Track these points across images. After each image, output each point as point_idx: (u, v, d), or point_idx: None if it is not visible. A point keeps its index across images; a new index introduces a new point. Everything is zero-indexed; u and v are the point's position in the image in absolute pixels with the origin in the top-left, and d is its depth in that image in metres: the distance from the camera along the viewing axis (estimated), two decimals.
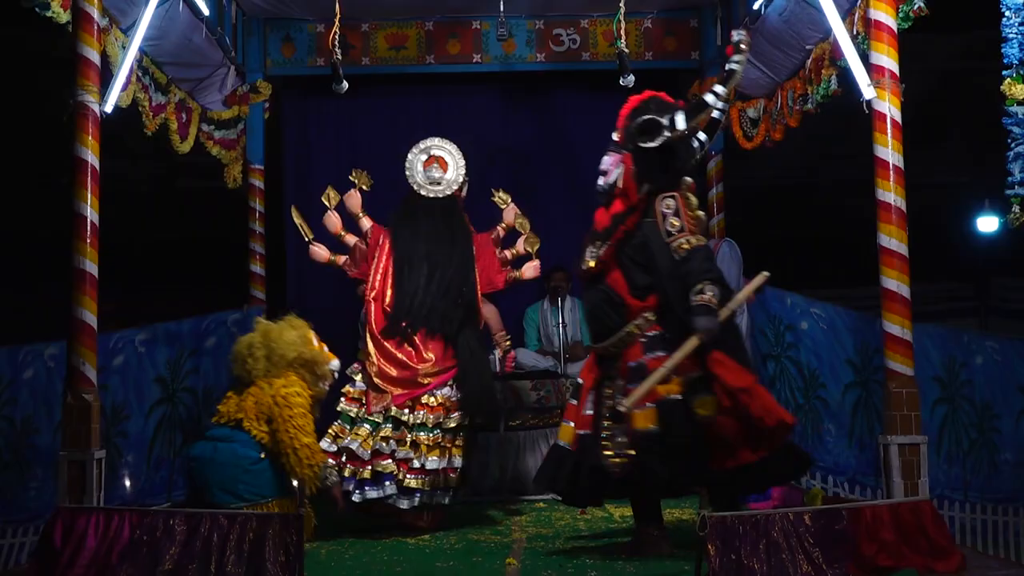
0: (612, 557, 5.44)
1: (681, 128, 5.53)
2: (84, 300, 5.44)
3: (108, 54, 6.05)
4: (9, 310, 11.54)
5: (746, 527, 4.73)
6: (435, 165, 6.72)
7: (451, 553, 5.74)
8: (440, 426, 6.25)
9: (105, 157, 5.61)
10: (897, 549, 4.90)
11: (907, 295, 5.34)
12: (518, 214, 6.94)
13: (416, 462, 6.17)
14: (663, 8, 8.78)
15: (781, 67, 7.55)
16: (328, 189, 6.79)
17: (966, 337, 6.68)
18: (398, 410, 6.24)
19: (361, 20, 8.73)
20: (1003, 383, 6.31)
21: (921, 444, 5.29)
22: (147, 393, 7.03)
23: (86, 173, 5.51)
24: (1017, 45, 5.23)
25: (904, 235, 5.35)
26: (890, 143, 5.38)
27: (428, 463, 6.18)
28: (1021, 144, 5.24)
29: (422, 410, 6.25)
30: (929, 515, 5.05)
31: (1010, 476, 6.25)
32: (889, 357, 5.34)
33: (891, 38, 5.44)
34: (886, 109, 5.40)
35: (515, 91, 9.34)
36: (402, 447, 6.19)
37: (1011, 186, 5.25)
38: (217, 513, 5.02)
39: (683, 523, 6.41)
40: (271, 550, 4.81)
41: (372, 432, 6.23)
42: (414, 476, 6.17)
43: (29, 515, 6.26)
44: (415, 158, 6.73)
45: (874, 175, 5.44)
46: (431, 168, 6.71)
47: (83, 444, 5.35)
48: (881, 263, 5.38)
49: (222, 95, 8.31)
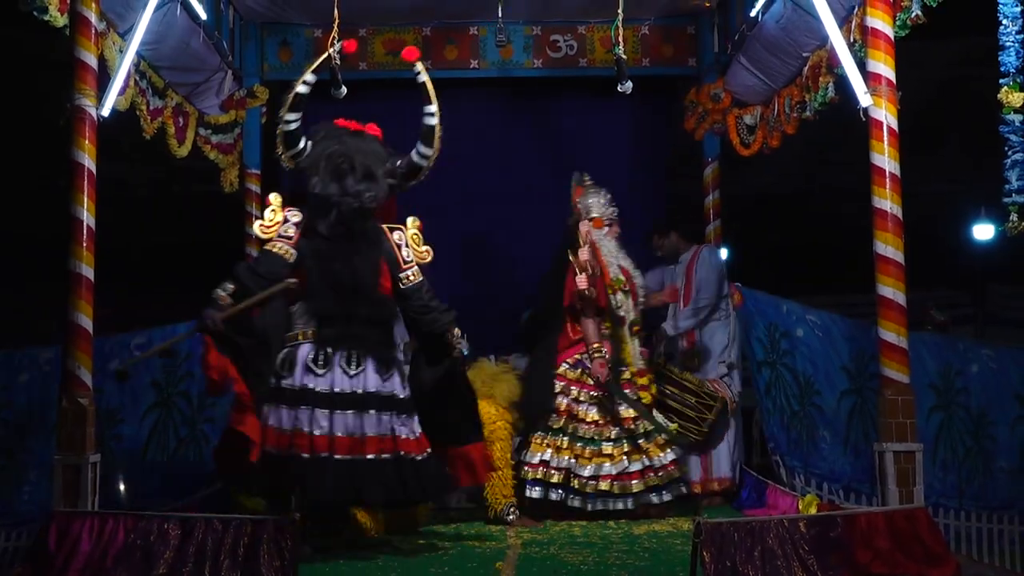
0: (606, 563, 5.44)
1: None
2: (80, 304, 5.44)
3: (106, 58, 6.05)
4: (6, 313, 11.53)
5: (741, 534, 4.73)
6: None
7: (446, 559, 5.73)
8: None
9: (102, 161, 5.61)
10: (892, 556, 4.90)
11: (903, 303, 5.35)
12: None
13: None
14: (661, 15, 8.78)
15: (778, 74, 7.56)
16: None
17: (962, 345, 6.69)
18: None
19: (359, 25, 8.73)
20: (999, 391, 6.31)
21: (916, 452, 5.30)
22: (142, 397, 7.02)
23: (83, 177, 5.52)
24: (1014, 53, 5.24)
25: (900, 243, 5.36)
26: (887, 150, 5.39)
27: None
28: (1018, 152, 5.25)
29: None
30: (924, 523, 5.06)
31: (1005, 484, 6.25)
32: (885, 364, 5.35)
33: (888, 46, 5.45)
34: (883, 117, 5.41)
35: (512, 97, 9.33)
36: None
37: (1008, 194, 5.26)
38: (212, 517, 5.01)
39: (679, 530, 6.42)
40: (265, 555, 4.81)
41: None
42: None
43: (24, 519, 6.25)
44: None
45: (870, 182, 5.45)
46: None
47: (78, 448, 5.36)
48: (877, 271, 5.39)
49: (219, 99, 8.31)
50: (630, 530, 6.57)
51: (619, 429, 6.94)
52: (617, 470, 6.89)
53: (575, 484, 6.90)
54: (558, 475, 6.89)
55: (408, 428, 5.80)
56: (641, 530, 6.56)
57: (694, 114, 8.70)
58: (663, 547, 5.98)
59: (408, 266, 6.10)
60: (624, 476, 6.90)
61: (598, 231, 7.14)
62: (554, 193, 9.33)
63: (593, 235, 7.12)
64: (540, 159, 9.39)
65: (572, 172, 7.87)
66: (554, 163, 9.39)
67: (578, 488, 6.89)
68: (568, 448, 6.94)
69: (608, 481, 6.88)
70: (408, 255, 6.13)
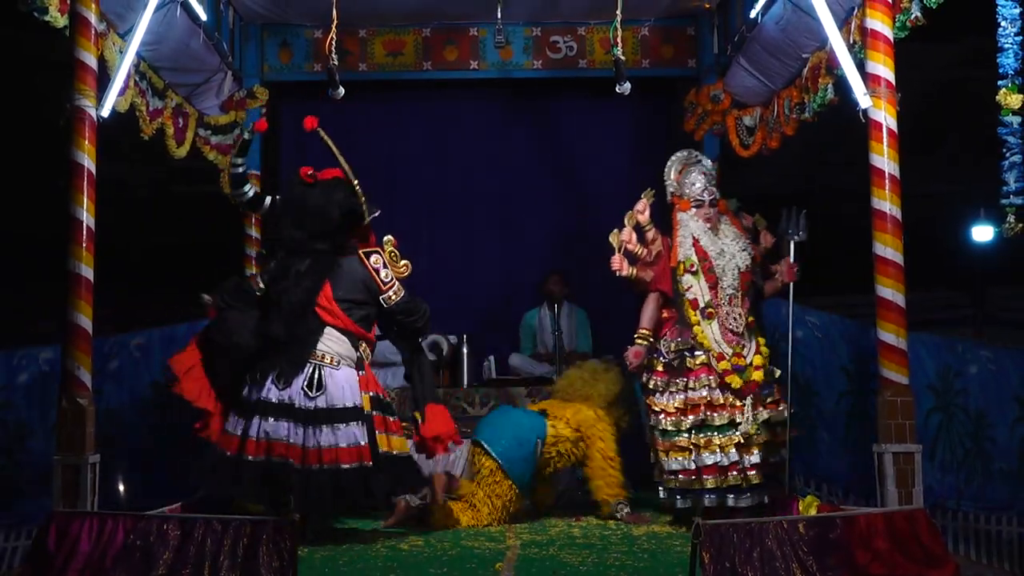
0: (605, 564, 5.44)
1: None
2: (80, 304, 5.45)
3: (105, 58, 6.06)
4: (5, 313, 11.52)
5: (740, 535, 4.73)
6: None
7: (445, 559, 5.73)
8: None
9: (102, 161, 5.62)
10: (891, 558, 4.90)
11: (902, 304, 5.35)
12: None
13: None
14: (660, 16, 8.78)
15: (778, 75, 7.57)
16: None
17: (961, 346, 6.70)
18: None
19: (359, 26, 8.74)
20: (997, 392, 6.32)
21: (915, 453, 5.30)
22: (142, 398, 7.02)
23: (82, 177, 5.52)
24: (1012, 55, 5.25)
25: (899, 244, 5.36)
26: (886, 152, 5.39)
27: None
28: (1016, 154, 5.26)
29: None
30: (923, 524, 5.06)
31: (1004, 485, 6.26)
32: (884, 366, 5.35)
33: (887, 47, 5.45)
34: (882, 118, 5.41)
35: (512, 98, 9.35)
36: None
37: (1006, 195, 5.27)
38: (211, 518, 5.01)
39: (678, 532, 6.42)
40: (265, 555, 4.81)
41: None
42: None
43: (23, 519, 6.25)
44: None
45: (870, 184, 5.45)
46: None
47: (77, 448, 5.36)
48: (876, 272, 5.39)
49: (219, 100, 8.31)
50: (629, 531, 6.58)
51: (693, 418, 6.44)
52: (692, 464, 6.43)
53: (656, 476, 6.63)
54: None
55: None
56: (640, 531, 6.56)
57: (694, 115, 8.70)
58: (662, 548, 5.98)
59: (388, 286, 6.29)
60: (704, 471, 6.39)
61: (684, 213, 6.75)
62: (554, 193, 9.37)
63: (678, 216, 6.78)
64: (540, 160, 9.41)
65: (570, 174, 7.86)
66: (554, 164, 9.42)
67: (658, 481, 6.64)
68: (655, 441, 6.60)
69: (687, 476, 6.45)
70: (387, 276, 6.30)
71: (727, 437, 6.35)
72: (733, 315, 6.60)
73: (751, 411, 6.37)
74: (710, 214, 6.73)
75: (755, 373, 6.41)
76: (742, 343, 6.51)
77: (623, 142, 9.43)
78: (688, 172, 6.89)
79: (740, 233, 6.77)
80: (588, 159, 9.43)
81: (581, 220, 9.28)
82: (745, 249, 6.68)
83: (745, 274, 6.63)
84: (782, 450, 6.38)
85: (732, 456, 6.33)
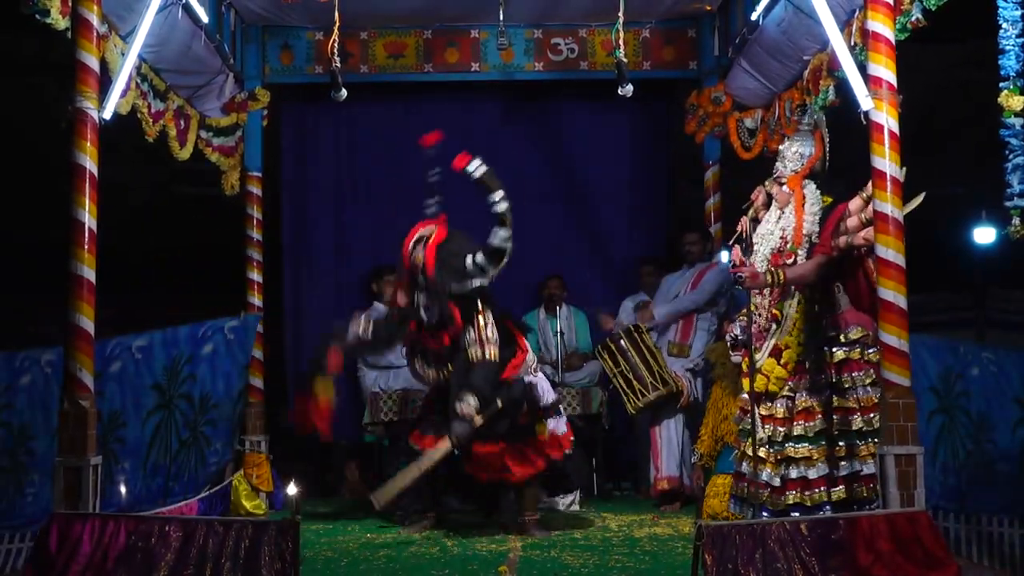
0: (607, 566, 5.44)
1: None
2: (81, 306, 5.45)
3: (107, 61, 6.06)
4: (7, 314, 11.52)
5: (743, 536, 4.73)
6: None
7: (446, 561, 5.73)
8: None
9: (103, 164, 5.62)
10: (893, 559, 4.90)
11: (904, 306, 5.34)
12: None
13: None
14: (661, 18, 8.79)
15: (779, 77, 7.57)
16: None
17: (963, 348, 6.68)
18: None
19: (360, 28, 8.74)
20: (999, 394, 6.32)
21: (917, 455, 5.29)
22: (144, 400, 7.02)
23: (84, 179, 5.52)
24: (1014, 57, 5.24)
25: (901, 246, 5.35)
26: (887, 154, 5.38)
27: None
28: (1019, 155, 5.25)
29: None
30: (925, 526, 5.05)
31: (1006, 487, 6.25)
32: (886, 368, 5.34)
33: (889, 49, 5.44)
34: (883, 120, 5.40)
35: (513, 100, 9.36)
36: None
37: (1010, 197, 5.25)
38: (213, 520, 5.02)
39: (680, 532, 6.42)
40: (267, 557, 4.81)
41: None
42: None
43: (25, 521, 6.24)
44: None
45: (872, 185, 5.44)
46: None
47: (79, 450, 5.36)
48: (879, 273, 5.38)
49: (221, 102, 8.32)
50: (631, 532, 6.58)
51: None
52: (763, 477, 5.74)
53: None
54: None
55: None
56: (642, 533, 6.56)
57: (695, 117, 8.71)
58: (664, 550, 5.98)
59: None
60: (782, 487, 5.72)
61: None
62: (554, 195, 9.36)
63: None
64: (541, 161, 9.40)
65: (571, 176, 7.84)
66: (555, 166, 9.42)
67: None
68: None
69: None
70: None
71: (745, 443, 5.85)
72: (762, 306, 5.97)
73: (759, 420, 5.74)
74: (776, 193, 6.26)
75: (760, 379, 5.76)
76: (763, 341, 5.89)
77: (624, 144, 9.43)
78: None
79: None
80: (589, 160, 9.43)
81: (581, 221, 9.28)
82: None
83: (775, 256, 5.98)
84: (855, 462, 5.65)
85: (745, 469, 5.82)
